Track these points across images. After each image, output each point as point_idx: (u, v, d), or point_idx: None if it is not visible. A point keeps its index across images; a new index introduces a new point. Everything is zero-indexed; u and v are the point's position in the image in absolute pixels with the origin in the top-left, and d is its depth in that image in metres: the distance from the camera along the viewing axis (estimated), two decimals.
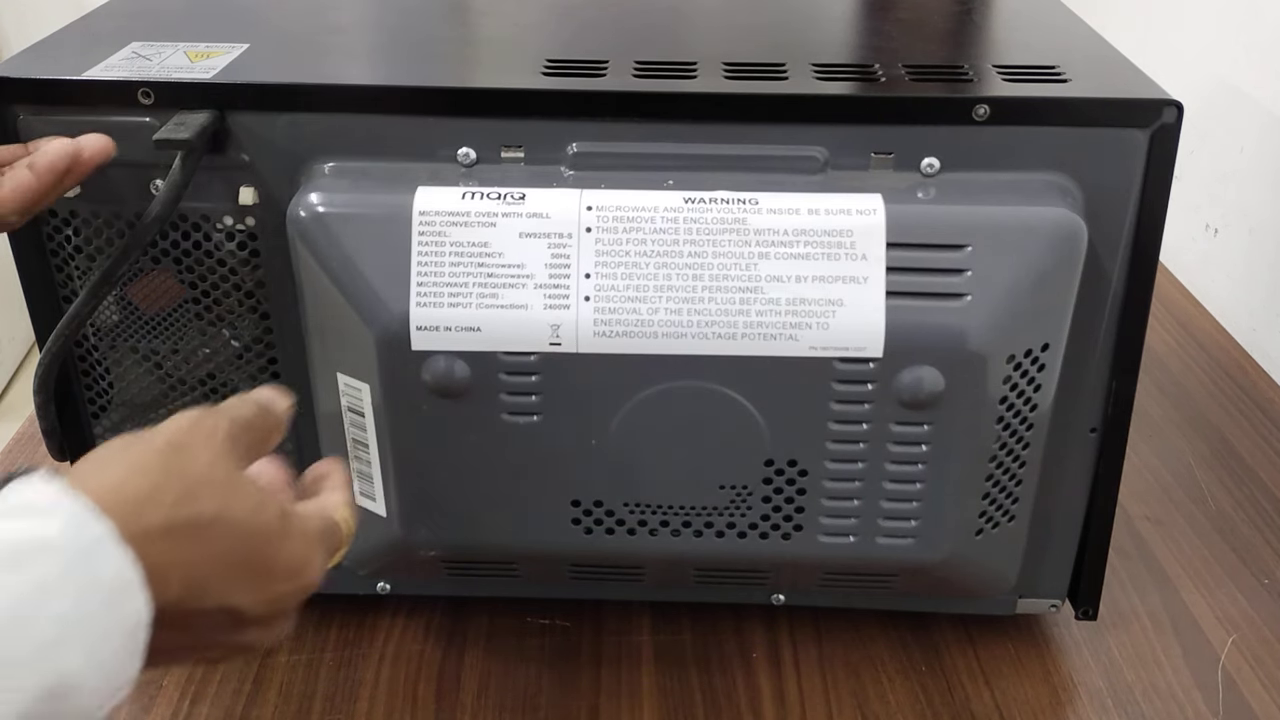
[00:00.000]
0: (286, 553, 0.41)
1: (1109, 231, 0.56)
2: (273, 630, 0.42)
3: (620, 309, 0.54)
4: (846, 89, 0.56)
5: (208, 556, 0.37)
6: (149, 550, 0.35)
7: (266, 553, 0.40)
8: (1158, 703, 0.63)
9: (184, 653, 0.40)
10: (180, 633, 0.37)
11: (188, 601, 0.37)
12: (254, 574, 0.39)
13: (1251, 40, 1.01)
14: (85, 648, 0.32)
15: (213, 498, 0.38)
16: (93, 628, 0.33)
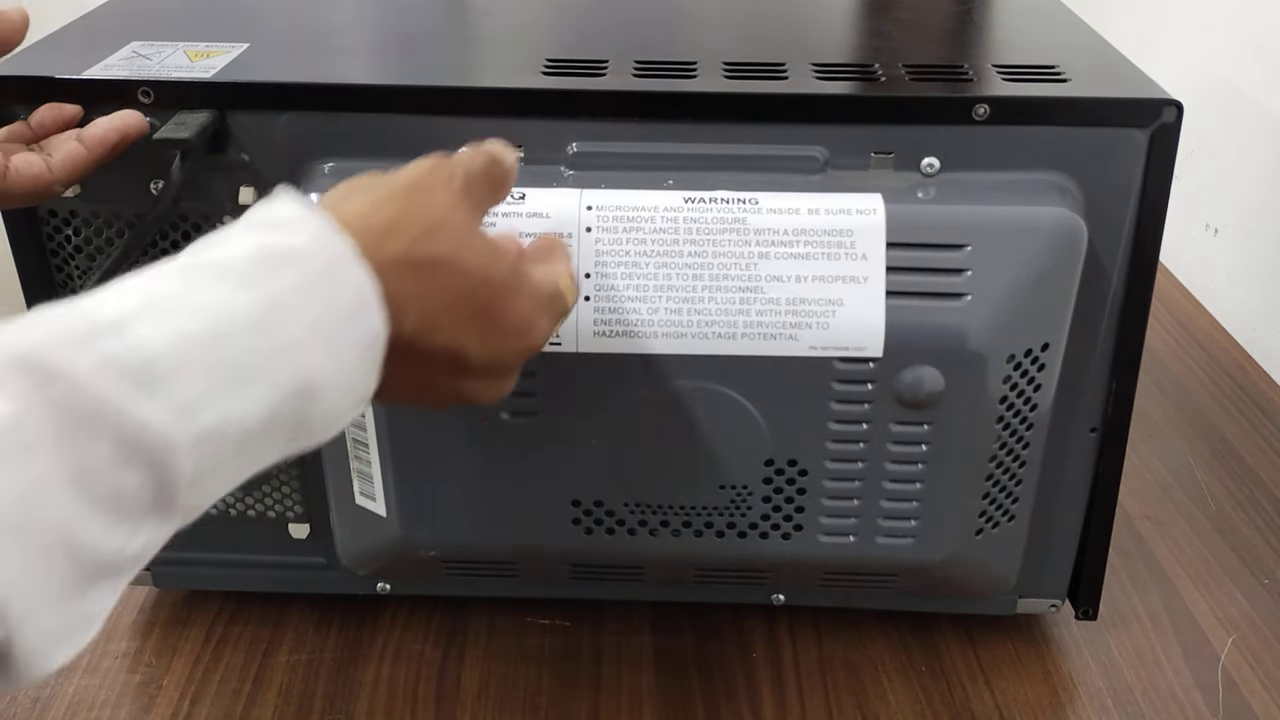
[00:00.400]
0: (515, 308, 0.42)
1: (1109, 231, 0.56)
2: (493, 387, 0.43)
3: (620, 309, 0.54)
4: (846, 89, 0.56)
5: (442, 295, 0.39)
6: (387, 278, 0.36)
7: (497, 304, 0.41)
8: (1158, 703, 0.63)
9: (410, 393, 0.41)
10: (409, 369, 0.39)
11: (420, 337, 0.38)
12: (483, 322, 0.40)
13: (1251, 40, 1.01)
14: (329, 353, 0.34)
15: (450, 240, 0.39)
16: (335, 335, 0.35)
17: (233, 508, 0.64)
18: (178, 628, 0.67)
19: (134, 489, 0.30)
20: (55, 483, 0.29)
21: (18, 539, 0.28)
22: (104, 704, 0.62)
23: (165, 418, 0.30)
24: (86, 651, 0.66)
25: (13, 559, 0.28)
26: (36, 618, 0.29)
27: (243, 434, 0.33)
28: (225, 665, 0.65)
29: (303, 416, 0.35)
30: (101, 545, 0.30)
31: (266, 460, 0.35)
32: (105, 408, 0.29)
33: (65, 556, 0.29)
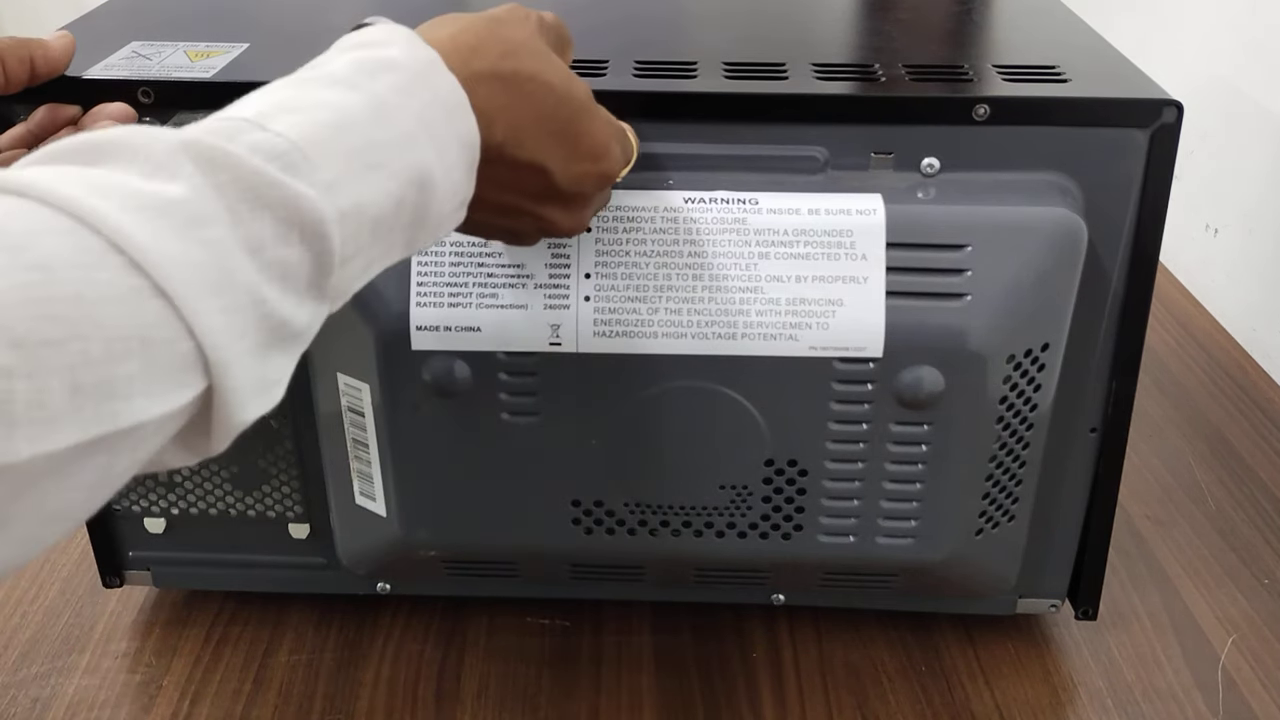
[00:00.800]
0: (592, 130, 0.45)
1: (1109, 231, 0.56)
2: (573, 216, 0.46)
3: (620, 309, 0.54)
4: (846, 89, 0.56)
5: (527, 108, 0.41)
6: (476, 91, 0.39)
7: (576, 123, 0.44)
8: (1158, 703, 0.63)
9: (500, 214, 0.44)
10: (500, 187, 0.42)
11: (508, 148, 0.41)
12: (564, 139, 0.43)
13: (1251, 40, 1.01)
14: (436, 148, 0.37)
15: (532, 59, 0.42)
16: (438, 132, 0.38)
17: (233, 508, 0.64)
18: (178, 628, 0.67)
19: (296, 262, 0.33)
20: (235, 252, 0.31)
21: (217, 295, 0.30)
22: (104, 704, 0.62)
23: (314, 193, 0.33)
24: (87, 651, 0.67)
25: (215, 313, 0.30)
26: (235, 369, 0.31)
27: (375, 218, 0.35)
28: (225, 665, 0.65)
29: (420, 211, 0.37)
30: (278, 311, 0.33)
31: (393, 254, 0.38)
32: (265, 186, 0.32)
33: (254, 317, 0.32)
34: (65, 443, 0.27)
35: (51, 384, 0.27)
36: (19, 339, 0.26)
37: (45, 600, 0.70)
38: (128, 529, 0.66)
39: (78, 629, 0.67)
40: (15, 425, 0.26)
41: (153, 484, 0.64)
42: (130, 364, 0.29)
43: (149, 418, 0.29)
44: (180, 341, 0.30)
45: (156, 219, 0.30)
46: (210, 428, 0.32)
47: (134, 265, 0.29)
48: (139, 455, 0.30)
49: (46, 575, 0.72)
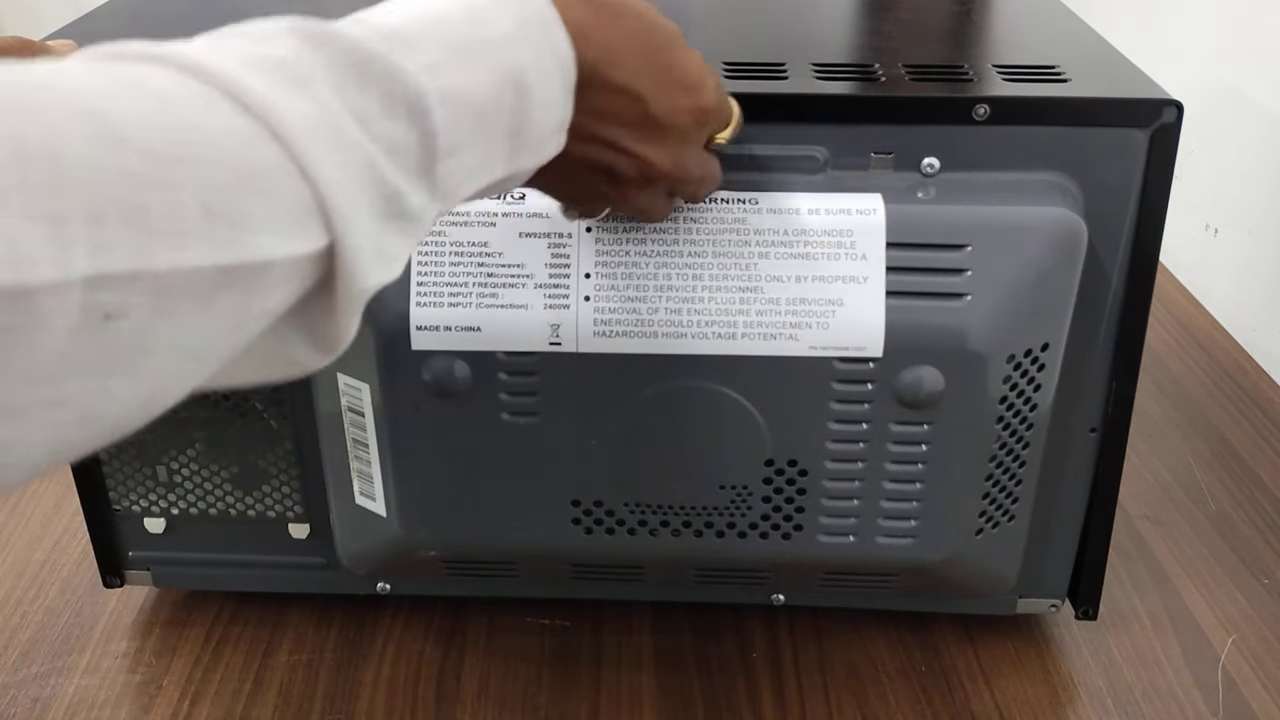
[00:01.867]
0: (686, 58, 0.45)
1: (1109, 231, 0.56)
2: (670, 150, 0.45)
3: (620, 309, 0.54)
4: (846, 89, 0.56)
5: (619, 29, 0.42)
6: (568, 12, 0.39)
7: (669, 50, 0.44)
8: (1158, 703, 0.63)
9: (599, 147, 0.44)
10: (595, 117, 0.42)
11: (601, 67, 0.41)
12: (657, 66, 0.43)
13: (1251, 40, 1.01)
14: (532, 52, 0.38)
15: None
16: (534, 40, 0.38)
17: (233, 508, 0.64)
18: (178, 628, 0.67)
19: (403, 139, 0.33)
20: (344, 117, 0.31)
21: (331, 149, 0.30)
22: (104, 704, 0.62)
23: (417, 70, 0.33)
24: (87, 651, 0.67)
25: (331, 165, 0.30)
26: (354, 225, 0.31)
27: (476, 109, 0.36)
28: (225, 665, 0.65)
29: (519, 116, 0.37)
30: (391, 180, 0.32)
31: (496, 165, 0.38)
32: (369, 60, 0.32)
33: (367, 179, 0.32)
34: (200, 261, 0.27)
35: (184, 200, 0.27)
36: (152, 151, 0.26)
37: (45, 600, 0.70)
38: (128, 529, 0.66)
39: (78, 629, 0.67)
40: (153, 234, 0.26)
41: (153, 484, 0.64)
42: (253, 199, 0.29)
43: (276, 256, 0.29)
44: (298, 187, 0.30)
45: (268, 73, 0.30)
46: (335, 301, 0.32)
47: (247, 109, 0.29)
48: (270, 304, 0.30)
49: (46, 575, 0.72)
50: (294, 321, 0.33)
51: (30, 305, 0.24)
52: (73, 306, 0.25)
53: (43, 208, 0.24)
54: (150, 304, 0.26)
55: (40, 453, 0.26)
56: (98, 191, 0.25)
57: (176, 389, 0.29)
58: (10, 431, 0.25)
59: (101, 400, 0.27)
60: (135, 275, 0.26)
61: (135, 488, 0.64)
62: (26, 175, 0.24)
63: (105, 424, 0.28)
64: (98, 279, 0.25)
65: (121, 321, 0.26)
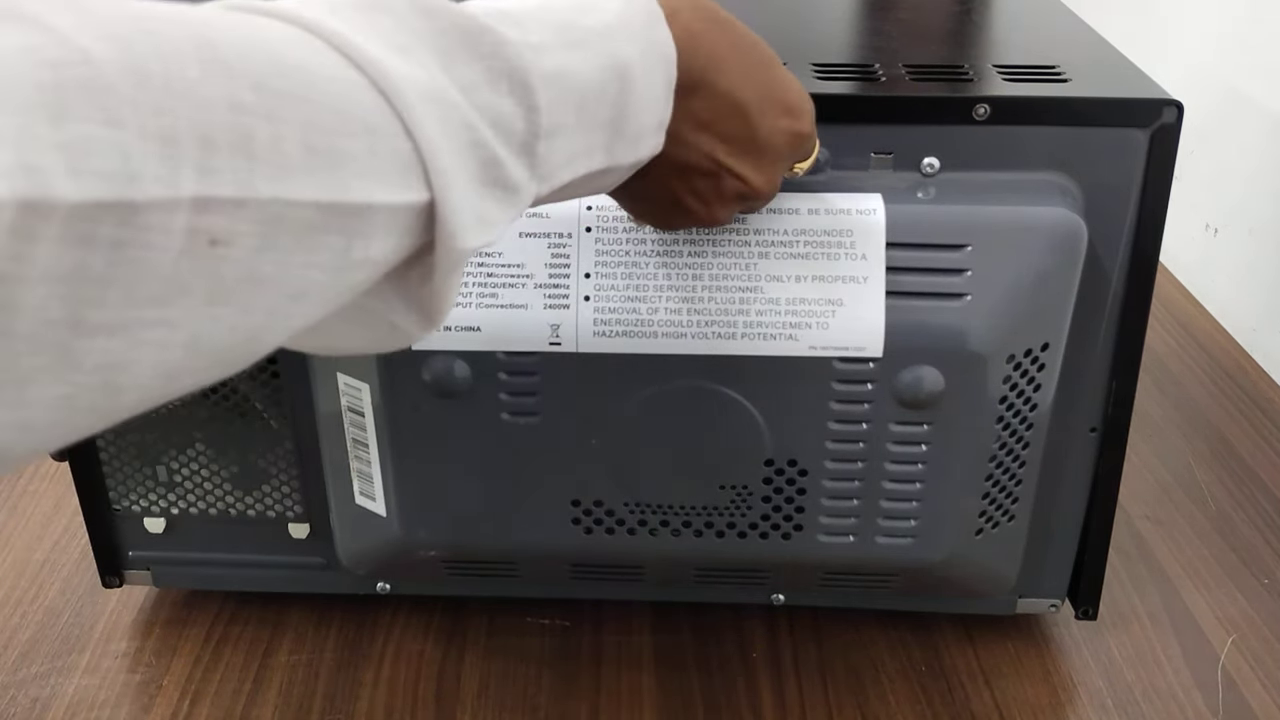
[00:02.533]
0: (788, 82, 0.46)
1: (1109, 231, 0.56)
2: (764, 171, 0.46)
3: (620, 309, 0.54)
4: (847, 88, 0.56)
5: (725, 41, 0.42)
6: (678, 15, 0.40)
7: (773, 71, 0.45)
8: (1158, 703, 0.63)
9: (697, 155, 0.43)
10: (698, 127, 0.42)
11: (709, 73, 0.42)
12: (761, 83, 0.44)
13: (1251, 41, 1.01)
14: (636, 46, 0.38)
15: (722, 10, 0.43)
16: (639, 34, 0.38)
17: (233, 508, 0.64)
18: (178, 628, 0.67)
19: (507, 112, 0.33)
20: (447, 83, 0.32)
21: (433, 105, 0.31)
22: (104, 704, 0.62)
23: (523, 47, 0.34)
24: (87, 651, 0.67)
25: (432, 120, 0.30)
26: (454, 183, 0.31)
27: (580, 93, 0.36)
28: (225, 665, 0.65)
29: (620, 108, 0.38)
30: (492, 147, 0.33)
31: (595, 154, 0.38)
32: (477, 31, 0.33)
33: (468, 142, 0.32)
34: (301, 195, 0.28)
35: (287, 133, 0.27)
36: (259, 83, 0.27)
37: (45, 600, 0.70)
38: (128, 529, 0.66)
39: (78, 629, 0.67)
40: (255, 160, 0.26)
41: (153, 484, 0.64)
42: (355, 143, 0.29)
43: (375, 200, 0.29)
44: (399, 139, 0.30)
45: (374, 37, 0.30)
46: (434, 261, 0.32)
47: (351, 62, 0.29)
48: (371, 252, 0.30)
49: (46, 575, 0.72)
50: (396, 281, 0.33)
51: (138, 221, 0.24)
52: (179, 228, 0.25)
53: (155, 126, 0.24)
54: (255, 234, 0.27)
55: (150, 374, 0.26)
56: (208, 116, 0.26)
57: (281, 329, 0.30)
58: (119, 347, 0.25)
59: (210, 327, 0.27)
60: (240, 202, 0.26)
61: (135, 488, 0.64)
62: (141, 93, 0.24)
63: (213, 354, 0.28)
64: (205, 201, 0.25)
65: (227, 248, 0.26)
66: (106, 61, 0.24)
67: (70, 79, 0.23)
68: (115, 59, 0.24)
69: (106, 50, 0.24)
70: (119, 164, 0.24)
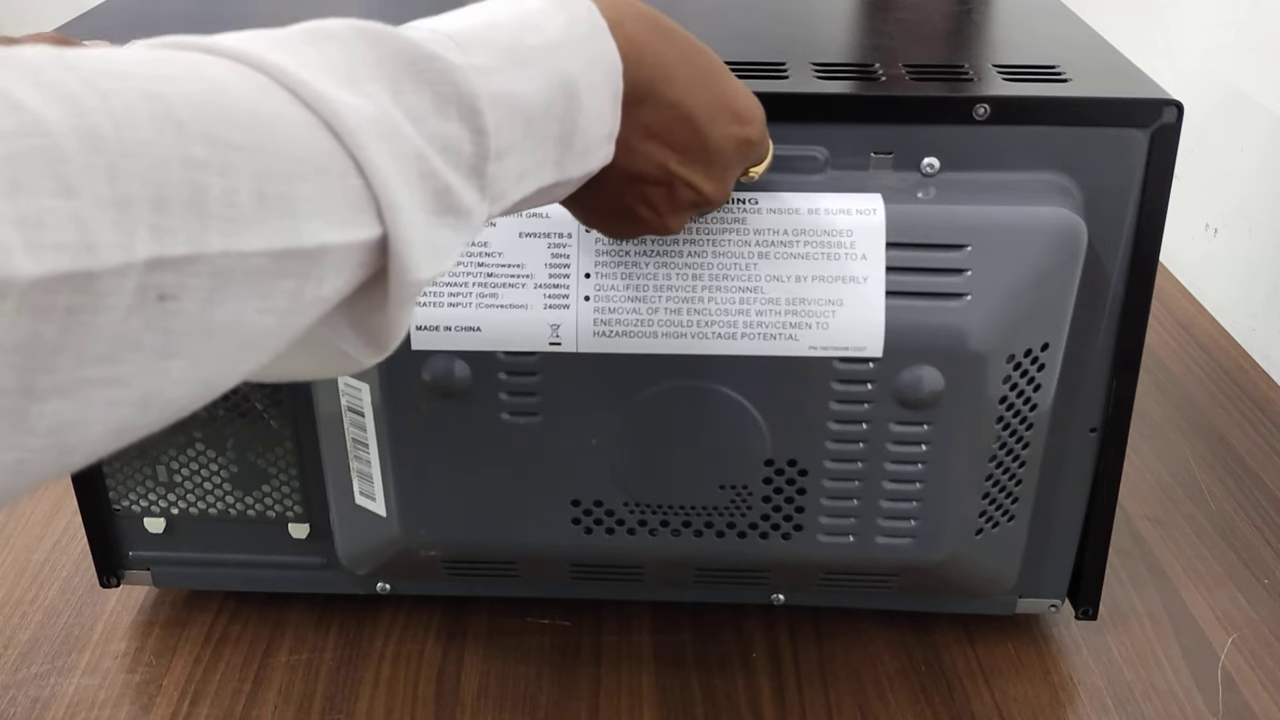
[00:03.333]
0: (735, 88, 0.46)
1: (1109, 231, 0.56)
2: (714, 178, 0.46)
3: (620, 309, 0.54)
4: (847, 88, 0.56)
5: (674, 48, 0.43)
6: (623, 24, 0.40)
7: (721, 79, 0.45)
8: (1158, 703, 0.63)
9: (647, 164, 0.44)
10: (647, 136, 0.42)
11: (657, 83, 0.42)
12: (709, 90, 0.44)
13: (1251, 40, 1.01)
14: (580, 61, 0.38)
15: (669, 20, 0.43)
16: (581, 49, 0.38)
17: (233, 508, 0.64)
18: (178, 628, 0.67)
19: (455, 137, 0.34)
20: (397, 113, 0.32)
21: (384, 140, 0.31)
22: (104, 704, 0.62)
23: (469, 71, 0.34)
24: (86, 651, 0.67)
25: (384, 156, 0.31)
26: (406, 216, 0.31)
27: (527, 113, 0.36)
28: (225, 665, 0.65)
29: (568, 124, 0.38)
30: (442, 175, 0.33)
31: (545, 170, 0.38)
32: (424, 59, 0.33)
33: (419, 172, 0.32)
34: (254, 246, 0.28)
35: (240, 186, 0.27)
36: (211, 136, 0.27)
37: (45, 600, 0.70)
38: (128, 529, 0.66)
39: (78, 629, 0.67)
40: (208, 217, 0.26)
41: (153, 484, 0.64)
42: (307, 186, 0.29)
43: (329, 243, 0.30)
44: (351, 177, 0.30)
45: (321, 71, 0.30)
46: (386, 293, 0.32)
47: (301, 101, 0.30)
48: (324, 291, 0.30)
49: (46, 575, 0.72)
50: (347, 313, 0.33)
51: (94, 288, 0.24)
52: (130, 288, 0.25)
53: (109, 192, 0.24)
54: (205, 287, 0.27)
55: (99, 433, 0.26)
56: (161, 175, 0.25)
57: (233, 374, 0.30)
58: (70, 410, 0.25)
59: (160, 381, 0.27)
60: (192, 259, 0.26)
61: (135, 488, 0.64)
62: (95, 159, 0.24)
63: (164, 406, 0.28)
64: (157, 262, 0.25)
65: (176, 303, 0.26)
66: (58, 127, 0.24)
67: (23, 150, 0.23)
68: (68, 125, 0.24)
69: (58, 114, 0.24)
70: (76, 235, 0.23)
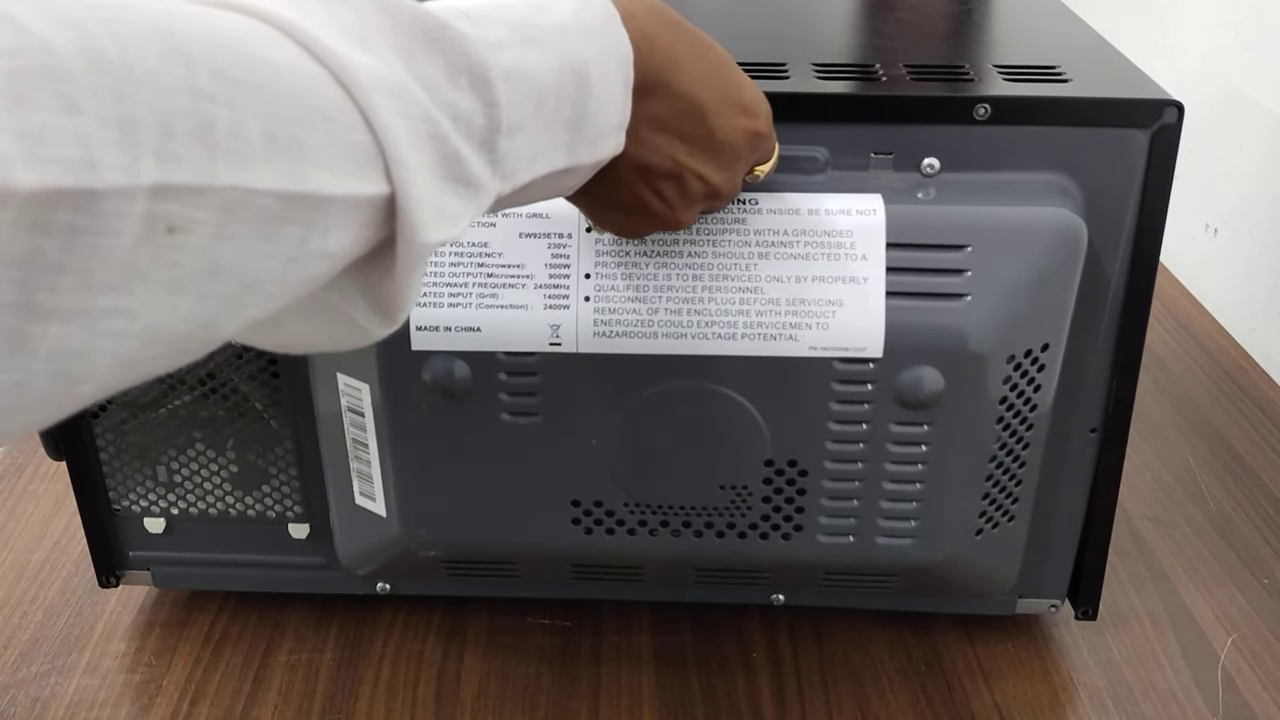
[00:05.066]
0: (744, 83, 0.46)
1: (1109, 232, 0.56)
2: (725, 171, 0.46)
3: (620, 309, 0.54)
4: (847, 88, 0.56)
5: (684, 41, 0.43)
6: (634, 15, 0.40)
7: (729, 71, 0.45)
8: (1158, 703, 0.63)
9: (658, 155, 0.44)
10: (657, 127, 0.43)
11: (665, 74, 0.42)
12: (717, 83, 0.44)
13: (1251, 40, 1.01)
14: (591, 47, 0.38)
15: (678, 15, 0.43)
16: (593, 35, 0.38)
17: (233, 508, 0.64)
18: (178, 628, 0.67)
19: (467, 107, 0.33)
20: (409, 78, 0.32)
21: (394, 99, 0.31)
22: (104, 704, 0.62)
23: (482, 43, 0.34)
24: (87, 651, 0.67)
25: (393, 115, 0.31)
26: (414, 176, 0.31)
27: (538, 91, 0.36)
28: (225, 665, 0.65)
29: (579, 109, 0.38)
30: (453, 142, 0.33)
31: (557, 154, 0.38)
32: (437, 29, 0.33)
33: (429, 135, 0.32)
34: (260, 184, 0.28)
35: (248, 121, 0.27)
36: (219, 71, 0.27)
37: (45, 600, 0.70)
38: (127, 529, 0.66)
39: (78, 629, 0.67)
40: (216, 149, 0.26)
41: (153, 484, 0.64)
42: (315, 134, 0.29)
43: (335, 192, 0.30)
44: (360, 131, 0.30)
45: (334, 30, 0.30)
46: (395, 255, 0.32)
47: (311, 54, 0.29)
48: (329, 244, 0.30)
49: (46, 575, 0.72)
50: (357, 278, 0.33)
51: (97, 208, 0.24)
52: (137, 215, 0.25)
53: (114, 113, 0.24)
54: (212, 222, 0.27)
55: (107, 364, 0.26)
56: (168, 103, 0.25)
57: (236, 318, 0.30)
58: (76, 336, 0.25)
59: (168, 315, 0.27)
60: (199, 190, 0.26)
61: (135, 488, 0.64)
62: (100, 80, 0.24)
63: (169, 342, 0.28)
64: (163, 189, 0.25)
65: (184, 236, 0.26)
66: (63, 48, 0.24)
67: (27, 66, 0.23)
68: (72, 46, 0.24)
69: (63, 37, 0.24)
70: (78, 151, 0.24)
